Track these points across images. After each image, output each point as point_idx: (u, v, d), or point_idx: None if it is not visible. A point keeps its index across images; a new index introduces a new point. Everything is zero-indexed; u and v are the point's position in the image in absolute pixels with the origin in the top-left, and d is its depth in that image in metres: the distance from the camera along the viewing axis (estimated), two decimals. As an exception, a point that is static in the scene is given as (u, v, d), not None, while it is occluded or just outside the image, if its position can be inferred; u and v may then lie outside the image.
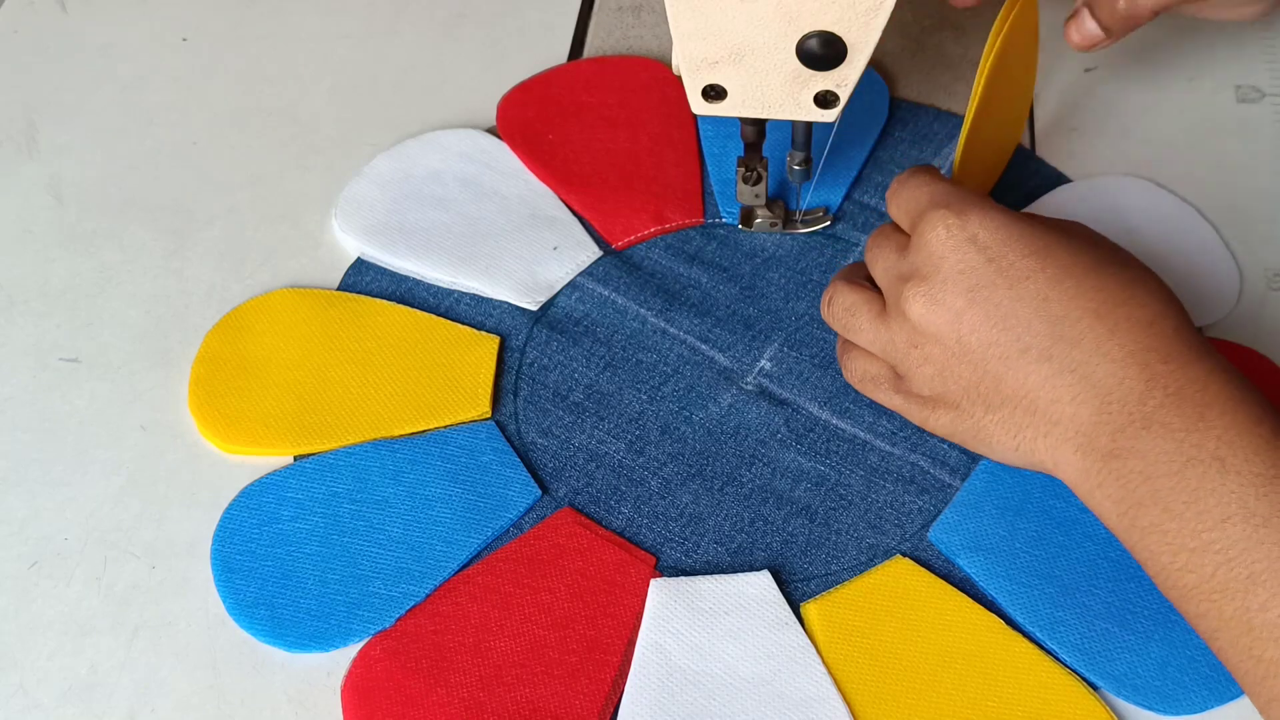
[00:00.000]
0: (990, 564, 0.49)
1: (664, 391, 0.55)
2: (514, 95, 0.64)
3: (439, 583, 0.49)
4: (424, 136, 0.63)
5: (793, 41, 0.49)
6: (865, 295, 0.49)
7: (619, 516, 0.51)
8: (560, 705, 0.46)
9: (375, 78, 0.66)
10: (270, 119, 0.64)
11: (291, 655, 0.48)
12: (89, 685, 0.47)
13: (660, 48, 0.67)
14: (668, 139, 0.62)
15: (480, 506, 0.51)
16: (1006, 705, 0.46)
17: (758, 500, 0.52)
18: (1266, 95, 0.64)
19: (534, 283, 0.57)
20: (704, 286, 0.58)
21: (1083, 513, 0.50)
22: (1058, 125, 0.63)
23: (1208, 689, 0.46)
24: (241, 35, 0.68)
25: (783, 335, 0.56)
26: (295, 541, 0.50)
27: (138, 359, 0.56)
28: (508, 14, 0.69)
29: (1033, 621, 0.48)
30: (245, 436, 0.53)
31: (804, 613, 0.48)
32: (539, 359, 0.55)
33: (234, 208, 0.61)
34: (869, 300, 0.49)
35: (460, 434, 0.53)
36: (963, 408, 0.47)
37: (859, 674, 0.47)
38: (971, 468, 0.52)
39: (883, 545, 0.50)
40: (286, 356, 0.55)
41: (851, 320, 0.50)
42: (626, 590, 0.49)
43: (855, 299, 0.50)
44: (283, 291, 0.57)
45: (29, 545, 0.50)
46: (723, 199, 0.60)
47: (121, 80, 0.66)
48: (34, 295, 0.58)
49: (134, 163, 0.63)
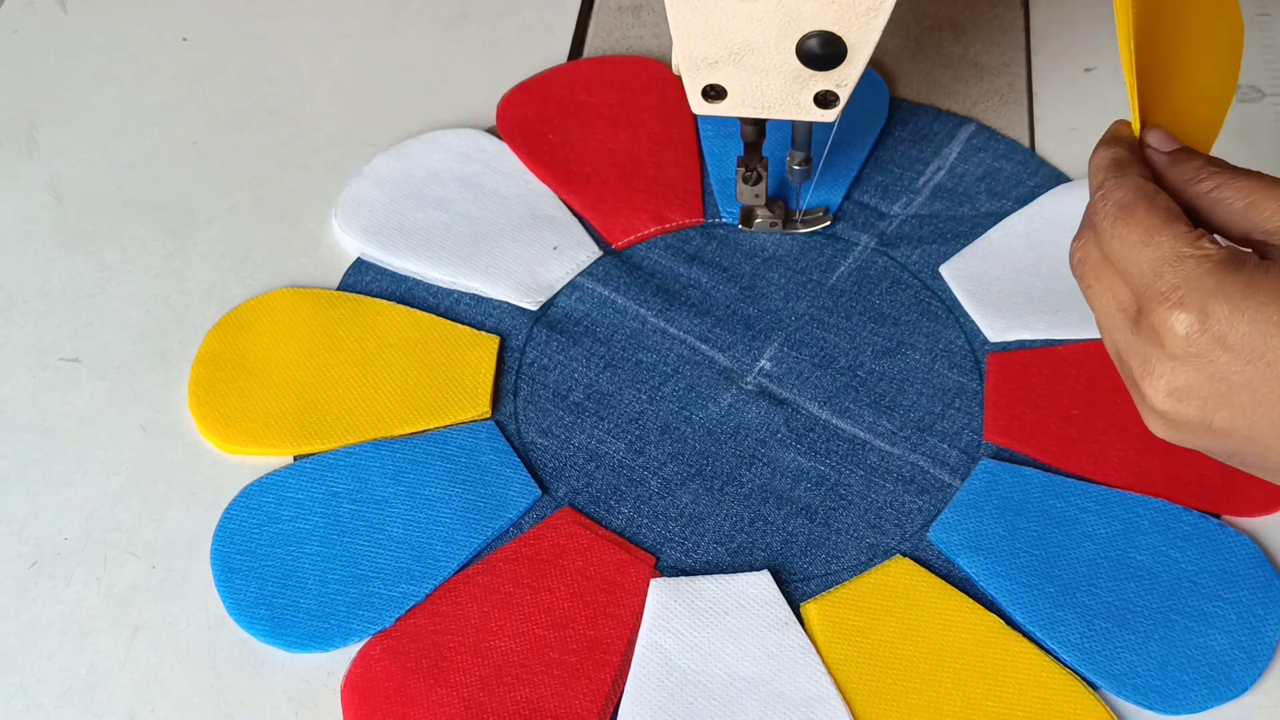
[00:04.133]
0: (990, 564, 0.49)
1: (664, 391, 0.55)
2: (514, 95, 0.64)
3: (439, 583, 0.49)
4: (424, 136, 0.63)
5: (793, 41, 0.49)
6: (1118, 290, 0.42)
7: (619, 516, 0.51)
8: (560, 705, 0.46)
9: (375, 78, 0.66)
10: (270, 119, 0.64)
11: (291, 655, 0.48)
12: (89, 685, 0.47)
13: (660, 48, 0.67)
14: (668, 139, 0.62)
15: (480, 506, 0.51)
16: (1006, 705, 0.46)
17: (758, 500, 0.52)
18: (1266, 95, 0.64)
19: (534, 283, 0.57)
20: (704, 286, 0.58)
21: (1083, 513, 0.50)
22: (1058, 125, 0.63)
23: (1208, 689, 0.46)
24: (241, 35, 0.68)
25: (783, 335, 0.56)
26: (295, 541, 0.50)
27: (138, 359, 0.56)
28: (508, 14, 0.69)
29: (1033, 621, 0.48)
30: (245, 436, 0.53)
31: (804, 613, 0.48)
32: (539, 359, 0.55)
33: (234, 208, 0.61)
34: (1121, 305, 0.42)
35: (460, 434, 0.53)
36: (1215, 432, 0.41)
37: (859, 674, 0.47)
38: (971, 468, 0.52)
39: (883, 545, 0.50)
40: (286, 356, 0.55)
41: (1095, 303, 0.43)
42: (626, 590, 0.49)
43: (1104, 288, 0.42)
44: (283, 291, 0.57)
45: (29, 545, 0.51)
46: (723, 199, 0.60)
47: (121, 80, 0.66)
48: (34, 295, 0.58)
49: (134, 163, 0.63)
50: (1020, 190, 0.61)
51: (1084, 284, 0.43)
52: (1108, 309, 0.42)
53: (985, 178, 0.61)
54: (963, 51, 0.67)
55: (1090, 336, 0.55)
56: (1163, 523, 0.50)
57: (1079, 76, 0.65)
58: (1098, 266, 0.42)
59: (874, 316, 0.57)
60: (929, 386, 0.55)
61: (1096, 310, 0.43)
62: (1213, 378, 0.40)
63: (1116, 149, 0.43)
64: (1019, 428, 0.53)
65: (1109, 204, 0.42)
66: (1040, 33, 0.68)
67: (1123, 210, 0.41)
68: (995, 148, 0.62)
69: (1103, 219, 0.42)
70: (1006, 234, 0.59)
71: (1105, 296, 0.42)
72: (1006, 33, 0.68)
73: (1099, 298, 0.42)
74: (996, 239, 0.59)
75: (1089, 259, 0.43)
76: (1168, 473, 0.51)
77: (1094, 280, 0.43)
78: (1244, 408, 0.40)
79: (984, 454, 0.52)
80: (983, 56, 0.66)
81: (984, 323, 0.56)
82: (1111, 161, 0.43)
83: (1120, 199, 0.41)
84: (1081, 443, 0.52)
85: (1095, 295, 0.43)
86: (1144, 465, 0.51)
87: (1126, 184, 0.42)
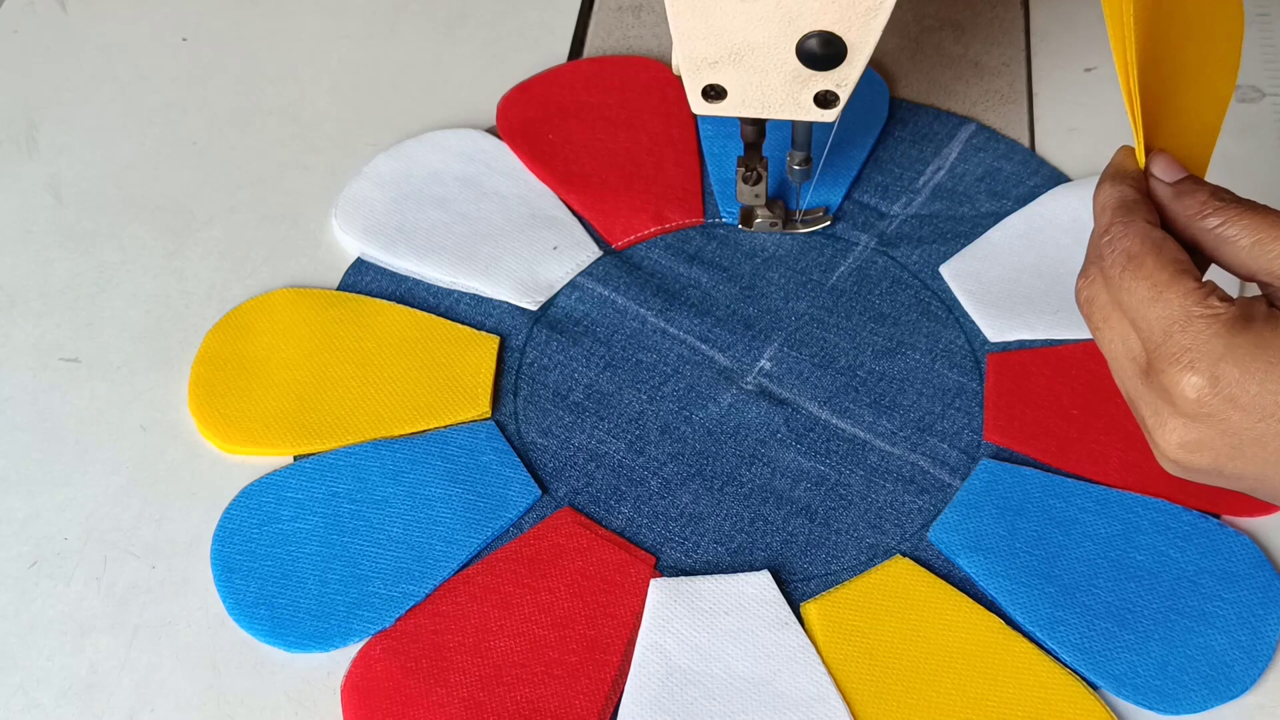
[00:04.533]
0: (990, 564, 0.49)
1: (664, 391, 0.55)
2: (514, 95, 0.64)
3: (439, 583, 0.49)
4: (424, 136, 0.63)
5: (793, 41, 0.49)
6: (1128, 339, 0.42)
7: (619, 516, 0.51)
8: (560, 705, 0.46)
9: (375, 78, 0.66)
10: (270, 119, 0.64)
11: (291, 655, 0.48)
12: (89, 685, 0.47)
13: (660, 48, 0.67)
14: (668, 139, 0.62)
15: (480, 506, 0.51)
16: (1006, 705, 0.46)
17: (758, 500, 0.52)
18: (1266, 95, 0.64)
19: (534, 283, 0.57)
20: (704, 286, 0.58)
21: (1082, 512, 0.50)
22: (1058, 125, 0.63)
23: (1208, 689, 0.46)
24: (241, 35, 0.68)
25: (783, 335, 0.56)
26: (295, 541, 0.50)
27: (138, 359, 0.56)
28: (508, 14, 0.69)
29: (1033, 621, 0.48)
30: (245, 436, 0.53)
31: (804, 612, 0.48)
32: (539, 359, 0.55)
33: (234, 208, 0.61)
34: (1131, 354, 0.42)
35: (460, 434, 0.53)
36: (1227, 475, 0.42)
37: (859, 674, 0.47)
38: (971, 468, 0.52)
39: (883, 545, 0.50)
40: (286, 356, 0.55)
41: (1105, 346, 0.43)
42: (626, 590, 0.49)
43: (1114, 334, 0.42)
44: (283, 291, 0.57)
45: (29, 545, 0.50)
46: (723, 199, 0.60)
47: (121, 80, 0.66)
48: (34, 295, 0.58)
49: (134, 163, 0.63)
50: (1020, 190, 0.61)
51: (1092, 324, 0.43)
52: (1117, 355, 0.42)
53: (985, 178, 0.61)
54: (963, 51, 0.67)
55: (1090, 337, 0.55)
56: (1163, 523, 0.50)
57: (1079, 76, 0.65)
58: (1106, 310, 0.42)
59: (874, 316, 0.57)
60: (929, 386, 0.55)
61: (1106, 352, 0.43)
62: (1224, 434, 0.40)
63: (1123, 188, 0.43)
64: (1019, 428, 0.53)
65: (1116, 252, 0.42)
66: (1040, 33, 0.68)
67: (1131, 261, 0.41)
68: (995, 148, 0.62)
69: (1111, 266, 0.42)
70: (1006, 234, 0.59)
71: (1115, 343, 0.42)
72: (1006, 33, 0.68)
73: (1109, 342, 0.43)
74: (996, 239, 0.59)
75: (1097, 300, 0.43)
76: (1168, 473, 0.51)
77: (1102, 323, 0.43)
78: (1255, 458, 0.40)
79: (984, 454, 0.52)
80: (983, 56, 0.66)
81: (984, 323, 0.56)
82: (1118, 203, 0.43)
83: (1128, 248, 0.41)
84: (1081, 443, 0.52)
85: (1105, 339, 0.43)
86: (1144, 465, 0.51)
87: (1133, 231, 0.42)
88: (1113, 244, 0.42)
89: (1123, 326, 0.42)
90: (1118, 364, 0.43)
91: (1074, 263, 0.57)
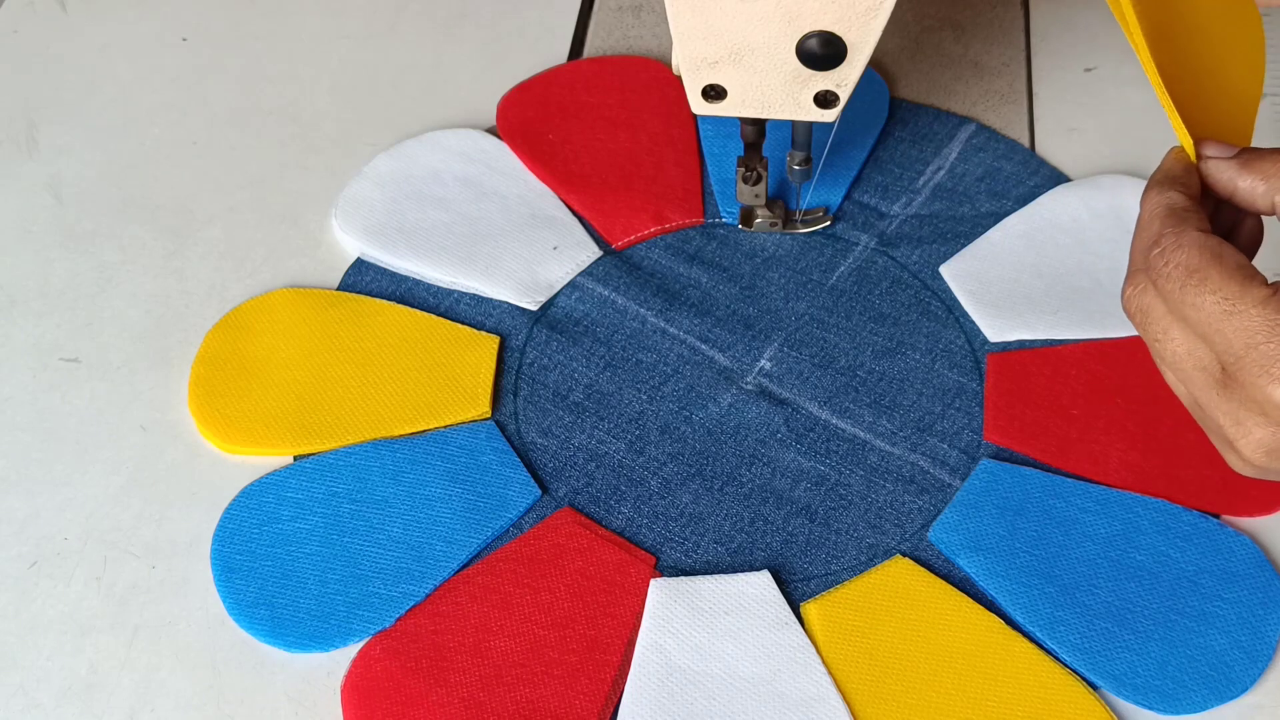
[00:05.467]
0: (990, 564, 0.49)
1: (664, 391, 0.55)
2: (514, 95, 0.64)
3: (439, 583, 0.49)
4: (424, 136, 0.63)
5: (793, 41, 0.49)
6: (1195, 351, 0.41)
7: (619, 516, 0.51)
8: (560, 705, 0.46)
9: (375, 78, 0.66)
10: (270, 119, 0.64)
11: (291, 655, 0.48)
12: (89, 685, 0.47)
13: (660, 48, 0.67)
14: (668, 139, 0.62)
15: (480, 506, 0.51)
16: (1006, 705, 0.46)
17: (758, 500, 0.52)
18: (1266, 95, 0.64)
19: (534, 283, 0.57)
20: (704, 286, 0.58)
21: (1083, 513, 0.50)
22: (1058, 125, 0.63)
23: (1208, 689, 0.46)
24: (241, 35, 0.68)
25: (783, 335, 0.56)
26: (295, 541, 0.50)
27: (138, 359, 0.56)
28: (508, 14, 0.69)
29: (1033, 621, 0.48)
30: (245, 436, 0.53)
31: (804, 612, 0.48)
32: (539, 359, 0.55)
33: (234, 208, 0.61)
34: (1201, 365, 0.41)
35: (460, 434, 0.53)
36: None
37: (859, 674, 0.47)
38: (971, 468, 0.52)
39: (883, 545, 0.50)
40: (286, 356, 0.55)
41: (1167, 358, 0.41)
42: (626, 590, 0.49)
43: (1179, 347, 0.41)
44: (283, 291, 0.57)
45: (29, 545, 0.50)
46: (723, 199, 0.60)
47: (121, 80, 0.66)
48: (34, 295, 0.58)
49: (134, 163, 0.63)
50: (1020, 190, 0.61)
51: (1149, 335, 0.42)
52: (1184, 366, 0.41)
53: (985, 178, 0.61)
54: (963, 51, 0.67)
55: (1090, 336, 0.55)
56: (1163, 523, 0.50)
57: (1079, 76, 0.65)
58: (1165, 322, 0.41)
59: (874, 316, 0.57)
60: (929, 386, 0.55)
61: (1167, 363, 0.42)
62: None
63: (1171, 194, 0.41)
64: (1019, 428, 0.53)
65: (1172, 265, 0.40)
66: (1040, 33, 0.68)
67: (1193, 275, 0.39)
68: (995, 148, 0.62)
69: (1167, 280, 0.40)
70: (1006, 234, 0.59)
71: (1181, 355, 0.41)
72: (1006, 33, 0.68)
73: (1172, 355, 0.41)
74: (996, 239, 0.59)
75: (1153, 312, 0.41)
76: (1168, 473, 0.51)
77: (1162, 334, 0.41)
78: None
79: (984, 454, 0.52)
80: (983, 56, 0.66)
81: (984, 323, 0.56)
82: (1167, 210, 0.41)
83: (1186, 262, 0.40)
84: (1081, 443, 0.52)
85: (1167, 350, 0.41)
86: (1144, 465, 0.51)
87: (1188, 241, 0.40)
88: (1165, 256, 0.40)
89: (1188, 339, 0.40)
90: (1184, 374, 0.41)
91: (1074, 263, 0.57)
